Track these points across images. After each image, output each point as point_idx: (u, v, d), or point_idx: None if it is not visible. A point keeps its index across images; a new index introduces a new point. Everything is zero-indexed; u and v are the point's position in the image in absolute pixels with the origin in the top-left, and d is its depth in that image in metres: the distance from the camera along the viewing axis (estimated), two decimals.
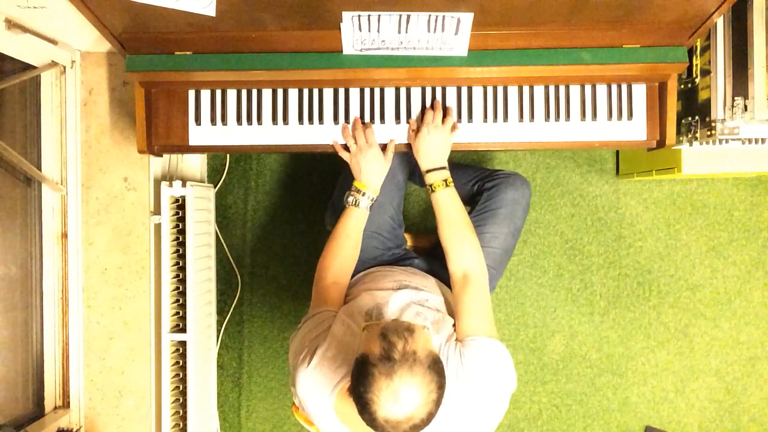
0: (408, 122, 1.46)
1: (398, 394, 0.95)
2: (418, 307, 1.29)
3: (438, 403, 0.99)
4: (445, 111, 1.46)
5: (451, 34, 1.33)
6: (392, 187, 1.47)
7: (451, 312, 1.34)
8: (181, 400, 1.83)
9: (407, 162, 1.56)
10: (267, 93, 1.48)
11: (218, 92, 1.48)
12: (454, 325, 1.28)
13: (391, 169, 1.47)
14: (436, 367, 0.99)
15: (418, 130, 1.44)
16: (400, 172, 1.49)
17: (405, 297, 1.31)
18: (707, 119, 1.59)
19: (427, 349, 1.00)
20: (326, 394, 1.16)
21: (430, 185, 1.40)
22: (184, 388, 1.82)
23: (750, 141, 1.60)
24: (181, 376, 1.83)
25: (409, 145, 1.47)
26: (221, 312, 2.20)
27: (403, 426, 0.97)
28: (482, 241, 1.53)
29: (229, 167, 2.21)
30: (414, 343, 0.99)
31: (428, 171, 1.41)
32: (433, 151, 1.41)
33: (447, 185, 1.40)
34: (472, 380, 1.16)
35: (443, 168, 1.41)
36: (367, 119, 1.48)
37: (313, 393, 1.17)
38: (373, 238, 1.48)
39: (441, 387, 0.99)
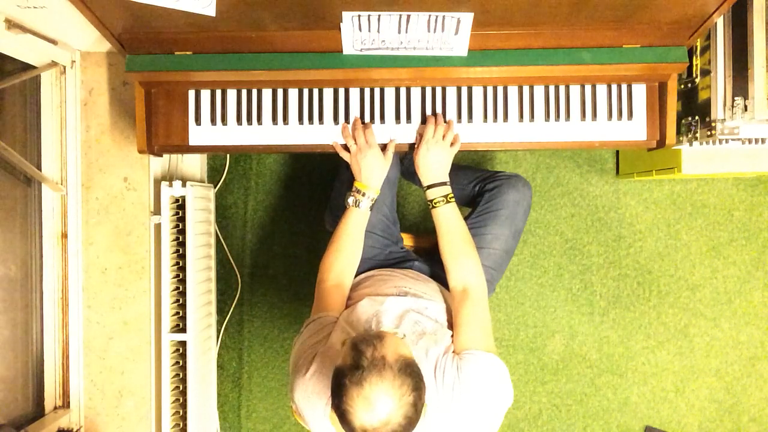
0: (416, 136, 1.46)
1: (370, 401, 0.95)
2: (417, 315, 1.28)
3: (415, 406, 0.98)
4: (446, 123, 1.46)
5: (451, 34, 1.33)
6: (385, 185, 1.47)
7: (452, 320, 1.34)
8: (181, 400, 1.83)
9: (399, 159, 1.56)
10: (267, 93, 1.48)
11: (218, 92, 1.48)
12: (452, 336, 1.28)
13: None
14: (407, 369, 0.99)
15: (418, 146, 1.44)
16: (392, 169, 1.49)
17: (404, 304, 1.31)
18: (707, 119, 1.59)
19: (397, 353, 1.00)
20: (322, 403, 1.16)
21: (431, 201, 1.40)
22: (184, 388, 1.82)
23: (750, 141, 1.60)
24: (181, 376, 1.83)
25: (410, 146, 1.47)
26: (221, 312, 2.20)
27: (380, 431, 0.96)
28: (483, 242, 1.53)
29: (229, 167, 2.21)
30: (383, 349, 0.99)
31: (429, 187, 1.41)
32: (434, 167, 1.41)
33: (448, 201, 1.40)
34: (469, 394, 1.16)
35: (444, 183, 1.41)
36: (367, 119, 1.48)
37: (310, 401, 1.18)
38: (368, 237, 1.47)
39: (416, 389, 0.98)
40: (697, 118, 1.63)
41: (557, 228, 2.23)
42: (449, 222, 1.39)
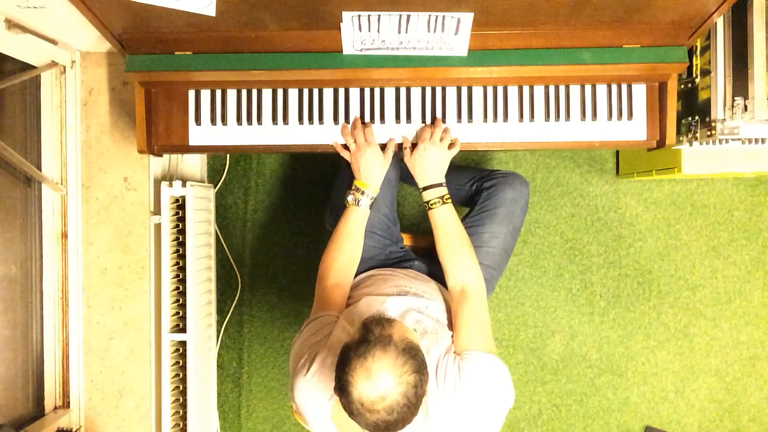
0: (402, 139, 1.46)
1: (371, 372, 0.98)
2: (418, 314, 1.29)
3: (415, 388, 1.00)
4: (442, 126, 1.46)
5: (451, 34, 1.33)
6: (385, 185, 1.47)
7: (451, 320, 1.34)
8: (181, 400, 1.83)
9: (399, 159, 1.56)
10: (267, 93, 1.48)
11: (218, 92, 1.48)
12: (452, 336, 1.28)
13: None
14: (411, 352, 1.02)
15: (414, 147, 1.44)
16: (391, 169, 1.49)
17: (405, 303, 1.31)
18: (707, 119, 1.59)
19: (403, 335, 1.03)
20: (324, 402, 1.16)
21: (428, 202, 1.41)
22: (184, 388, 1.82)
23: (750, 141, 1.60)
24: (181, 376, 1.83)
25: (399, 145, 1.47)
26: (221, 312, 2.20)
27: (377, 407, 0.98)
28: (481, 240, 1.53)
29: (229, 167, 2.21)
30: (391, 329, 1.04)
31: (425, 188, 1.41)
32: (430, 169, 1.41)
33: (444, 202, 1.40)
34: (470, 394, 1.16)
35: (441, 185, 1.41)
36: (367, 119, 1.48)
37: (311, 400, 1.18)
38: (368, 237, 1.48)
39: (417, 372, 1.01)
40: (697, 118, 1.63)
41: (557, 228, 2.23)
42: (446, 223, 1.39)
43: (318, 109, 1.48)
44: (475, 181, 1.64)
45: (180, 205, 1.80)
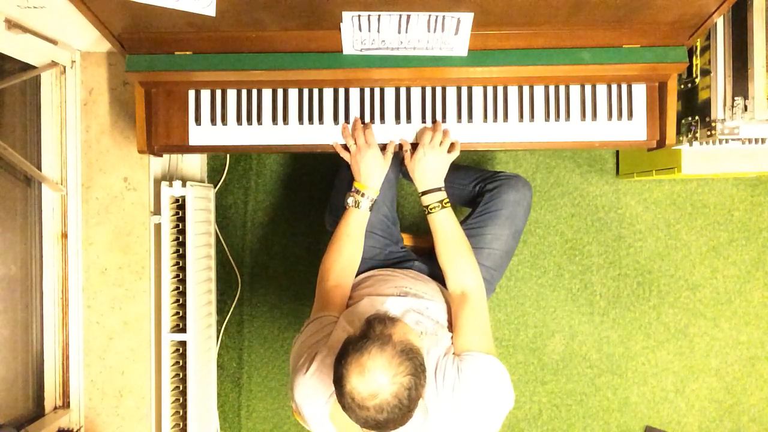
0: (400, 141, 1.47)
1: (364, 368, 0.99)
2: (418, 315, 1.29)
3: (409, 390, 1.00)
4: (442, 128, 1.46)
5: (451, 34, 1.33)
6: (384, 185, 1.47)
7: (452, 320, 1.34)
8: (181, 400, 1.83)
9: (399, 159, 1.56)
10: (267, 93, 1.48)
11: (218, 92, 1.48)
12: (452, 337, 1.28)
13: None
14: (409, 354, 1.02)
15: (414, 150, 1.44)
16: (391, 169, 1.49)
17: (405, 304, 1.31)
18: (707, 119, 1.59)
19: (404, 336, 1.04)
20: (322, 401, 1.16)
21: (427, 206, 1.41)
22: (184, 388, 1.82)
23: (750, 141, 1.60)
24: (181, 376, 1.83)
25: (400, 145, 1.47)
26: (221, 312, 2.20)
27: (367, 404, 0.98)
28: (483, 242, 1.53)
29: (229, 167, 2.21)
30: (393, 329, 1.04)
31: (424, 193, 1.42)
32: (430, 173, 1.42)
33: (443, 206, 1.40)
34: (469, 396, 1.16)
35: (440, 189, 1.41)
36: (367, 119, 1.48)
37: (310, 399, 1.18)
38: (368, 237, 1.48)
39: (413, 375, 1.01)
40: (697, 118, 1.63)
41: (557, 228, 2.23)
42: (445, 227, 1.39)
43: (318, 109, 1.48)
44: (478, 182, 1.64)
45: (180, 205, 1.80)
